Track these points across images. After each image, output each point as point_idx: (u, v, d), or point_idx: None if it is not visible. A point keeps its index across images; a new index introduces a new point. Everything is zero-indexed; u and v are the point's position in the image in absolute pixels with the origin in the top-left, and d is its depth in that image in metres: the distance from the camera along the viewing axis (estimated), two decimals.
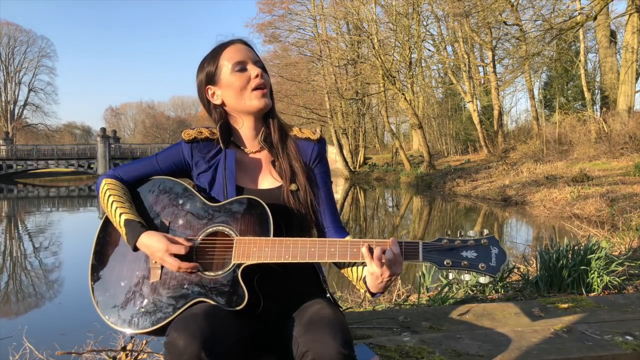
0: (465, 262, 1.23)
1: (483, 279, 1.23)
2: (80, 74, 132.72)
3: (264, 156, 1.48)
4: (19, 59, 59.75)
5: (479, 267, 1.22)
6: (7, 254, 9.62)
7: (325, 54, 31.43)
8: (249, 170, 1.46)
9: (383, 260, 1.23)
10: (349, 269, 1.39)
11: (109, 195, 1.41)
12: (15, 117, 59.40)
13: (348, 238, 1.41)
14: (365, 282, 1.33)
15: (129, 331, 1.34)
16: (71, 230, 13.37)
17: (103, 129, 41.30)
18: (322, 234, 1.48)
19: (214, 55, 1.45)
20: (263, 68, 1.46)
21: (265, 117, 1.48)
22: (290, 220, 1.40)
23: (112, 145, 40.83)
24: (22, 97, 60.72)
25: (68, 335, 4.15)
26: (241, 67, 1.42)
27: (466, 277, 1.24)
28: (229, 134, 1.48)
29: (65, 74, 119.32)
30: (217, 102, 1.47)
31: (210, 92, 1.47)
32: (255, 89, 1.42)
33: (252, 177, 1.46)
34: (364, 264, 1.32)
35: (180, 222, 1.39)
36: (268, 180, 1.45)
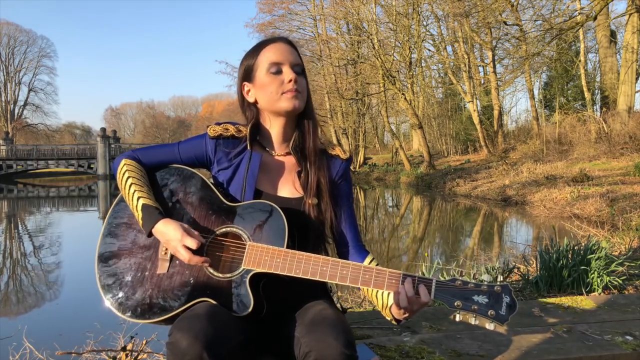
0: (475, 307, 1.21)
1: (489, 325, 1.23)
2: (80, 74, 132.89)
3: (289, 162, 1.45)
4: (19, 59, 59.84)
5: (488, 313, 1.20)
6: (7, 254, 9.62)
7: (325, 54, 31.44)
8: (271, 174, 1.44)
9: (400, 303, 1.22)
10: (373, 293, 1.37)
11: (128, 177, 1.38)
12: (15, 117, 59.40)
13: (369, 258, 1.41)
14: (390, 311, 1.32)
15: (129, 319, 1.33)
16: (71, 231, 13.37)
17: (103, 129, 41.32)
18: (341, 251, 1.46)
19: (255, 51, 1.42)
20: (302, 72, 1.42)
21: (300, 122, 1.45)
22: (306, 234, 1.38)
23: (112, 145, 40.82)
24: (22, 97, 60.83)
25: (68, 335, 4.14)
26: (277, 69, 1.39)
27: (473, 321, 1.23)
28: (257, 134, 1.45)
29: (65, 74, 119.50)
30: (251, 100, 1.44)
31: (245, 89, 1.44)
32: (286, 91, 1.39)
33: (272, 182, 1.43)
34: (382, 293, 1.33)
35: (195, 215, 1.37)
36: (289, 189, 1.42)
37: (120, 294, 1.35)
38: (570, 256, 3.24)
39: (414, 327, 2.16)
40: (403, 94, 24.33)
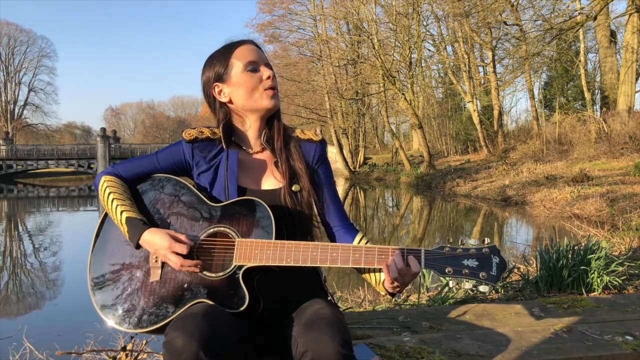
0: (467, 271, 1.24)
1: (483, 288, 1.25)
2: (80, 74, 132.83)
3: (266, 157, 1.48)
4: (19, 59, 59.83)
5: (480, 275, 1.23)
6: (7, 254, 9.62)
7: (325, 54, 31.43)
8: (251, 170, 1.46)
9: (391, 274, 1.26)
10: (368, 273, 1.40)
11: (109, 193, 1.40)
12: (15, 117, 59.39)
13: (358, 237, 1.44)
14: (384, 285, 1.35)
15: (128, 330, 1.34)
16: (71, 230, 13.37)
17: (103, 129, 41.30)
18: (331, 233, 1.48)
19: (225, 53, 1.44)
20: (272, 71, 1.46)
21: (269, 118, 1.48)
22: (292, 222, 1.39)
23: (112, 145, 40.83)
24: (22, 97, 60.80)
25: (68, 335, 4.14)
26: (253, 67, 1.42)
27: (466, 285, 1.25)
28: (231, 134, 1.47)
29: (65, 74, 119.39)
30: (224, 100, 1.46)
31: (217, 90, 1.45)
32: (267, 89, 1.42)
33: (254, 177, 1.45)
34: (375, 270, 1.36)
35: (181, 221, 1.39)
36: (270, 181, 1.44)
37: (117, 308, 1.35)
38: (570, 256, 3.24)
39: (414, 327, 2.16)
40: (403, 94, 24.34)
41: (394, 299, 1.43)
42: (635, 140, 16.37)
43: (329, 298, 1.45)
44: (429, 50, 31.21)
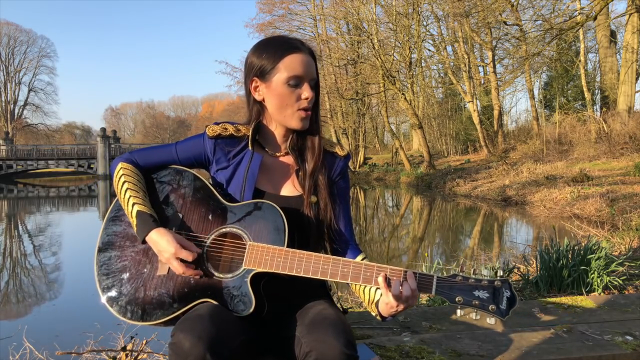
0: (476, 302, 1.23)
1: (490, 320, 1.25)
2: (80, 74, 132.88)
3: (289, 162, 1.44)
4: (19, 59, 59.83)
5: (489, 308, 1.22)
6: (7, 254, 9.62)
7: (325, 54, 31.43)
8: (271, 173, 1.43)
9: (401, 296, 1.23)
10: (361, 288, 1.37)
11: (124, 182, 1.37)
12: (15, 117, 59.39)
13: (360, 257, 1.40)
14: (377, 307, 1.32)
15: (130, 321, 1.33)
16: (71, 231, 13.37)
17: (103, 129, 41.31)
18: (335, 249, 1.45)
19: (277, 54, 1.35)
20: (316, 87, 1.41)
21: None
22: (305, 232, 1.37)
23: (112, 145, 40.82)
24: (22, 97, 60.80)
25: (68, 335, 4.14)
26: (296, 82, 1.35)
27: (474, 315, 1.25)
28: (257, 133, 1.43)
29: (65, 74, 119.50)
30: (259, 98, 1.41)
31: (254, 85, 1.39)
32: (300, 109, 1.37)
33: (272, 181, 1.42)
34: (377, 288, 1.32)
35: (194, 217, 1.36)
36: (288, 188, 1.42)
37: (121, 297, 1.34)
38: (570, 256, 3.24)
39: (414, 327, 2.16)
40: (403, 94, 24.34)
41: (384, 321, 1.38)
42: (635, 140, 16.37)
43: (330, 297, 1.45)
44: (429, 50, 31.25)
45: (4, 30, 57.68)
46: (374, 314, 1.35)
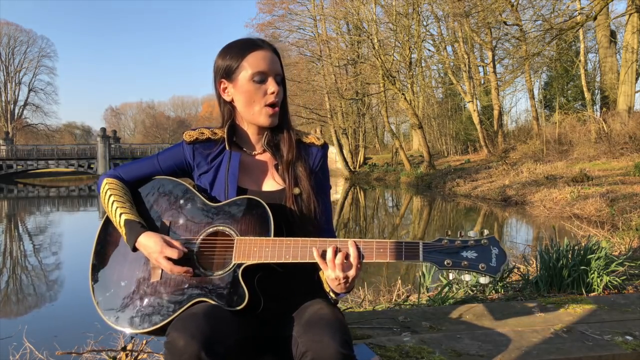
0: (466, 263, 1.22)
1: (483, 279, 1.24)
2: (80, 74, 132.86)
3: (267, 158, 1.47)
4: (19, 59, 59.84)
5: (479, 267, 1.22)
6: (7, 254, 9.62)
7: (325, 54, 31.45)
8: (252, 171, 1.46)
9: (334, 265, 1.24)
10: (322, 271, 1.37)
11: (110, 195, 1.41)
12: (15, 117, 59.39)
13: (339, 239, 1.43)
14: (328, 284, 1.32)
15: (129, 331, 1.34)
16: (71, 231, 13.37)
17: (103, 129, 41.30)
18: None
19: (239, 52, 1.40)
20: (282, 82, 1.44)
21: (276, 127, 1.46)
22: (292, 223, 1.39)
23: (112, 145, 40.83)
24: (22, 97, 60.81)
25: (68, 335, 4.15)
26: (261, 78, 1.38)
27: (466, 277, 1.24)
28: (233, 135, 1.47)
29: (66, 74, 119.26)
30: (227, 99, 1.44)
31: (222, 86, 1.44)
32: (267, 105, 1.39)
33: (254, 178, 1.45)
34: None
35: (181, 222, 1.40)
36: (270, 183, 1.44)
37: (118, 307, 1.36)
38: (570, 256, 3.24)
39: (414, 327, 2.16)
40: (403, 94, 24.33)
41: (338, 297, 1.37)
42: (635, 140, 16.36)
43: (327, 296, 1.45)
44: (429, 50, 31.24)
45: (4, 30, 57.72)
46: (329, 294, 1.35)
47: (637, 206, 9.33)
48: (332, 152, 33.82)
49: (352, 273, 1.25)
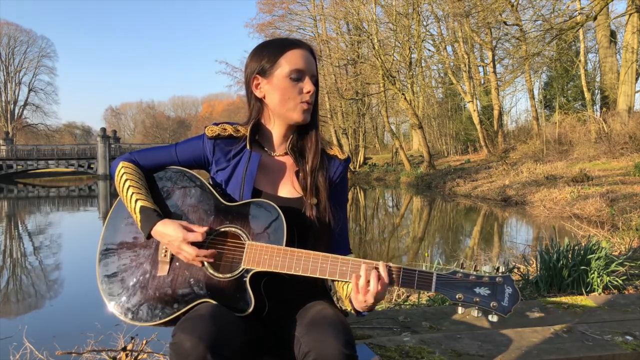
0: (477, 299, 1.20)
1: (492, 317, 1.22)
2: (80, 74, 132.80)
3: (287, 162, 1.44)
4: (19, 59, 59.82)
5: (491, 305, 1.19)
6: (7, 254, 9.62)
7: (325, 54, 31.44)
8: (270, 173, 1.43)
9: (367, 290, 1.23)
10: (340, 283, 1.36)
11: (126, 180, 1.37)
12: (15, 117, 59.38)
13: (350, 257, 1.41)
14: (351, 301, 1.31)
15: (131, 322, 1.33)
16: (71, 231, 13.37)
17: (103, 129, 41.30)
18: (329, 251, 1.43)
19: (277, 50, 1.38)
20: (316, 84, 1.42)
21: (302, 127, 1.44)
22: (305, 233, 1.37)
23: (112, 145, 40.81)
24: (22, 97, 60.79)
25: (68, 335, 4.14)
26: (298, 76, 1.37)
27: (474, 313, 1.22)
28: (256, 133, 1.44)
29: (66, 74, 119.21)
30: (259, 95, 1.42)
31: (255, 82, 1.41)
32: (302, 102, 1.38)
33: (271, 181, 1.42)
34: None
35: (194, 217, 1.37)
36: (288, 189, 1.41)
37: (123, 298, 1.35)
38: (570, 256, 3.24)
39: (414, 327, 2.16)
40: (403, 94, 24.33)
41: (359, 317, 1.36)
42: (635, 140, 16.36)
43: (330, 296, 1.45)
44: (429, 50, 31.24)
45: (4, 30, 57.71)
46: (349, 309, 1.34)
47: (637, 206, 9.33)
48: None
49: (380, 297, 1.25)
